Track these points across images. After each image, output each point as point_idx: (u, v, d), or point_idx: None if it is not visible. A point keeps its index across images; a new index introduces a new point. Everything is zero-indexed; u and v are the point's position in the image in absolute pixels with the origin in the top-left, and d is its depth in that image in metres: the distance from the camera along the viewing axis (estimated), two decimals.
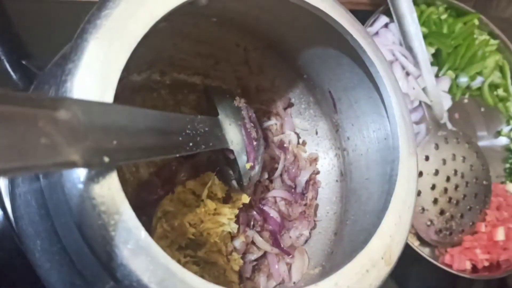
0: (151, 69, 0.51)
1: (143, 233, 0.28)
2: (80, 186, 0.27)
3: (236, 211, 0.45)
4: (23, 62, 0.49)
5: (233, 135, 0.46)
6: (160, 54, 0.50)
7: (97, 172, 0.27)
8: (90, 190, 0.27)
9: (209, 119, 0.42)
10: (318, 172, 0.55)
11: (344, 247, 0.46)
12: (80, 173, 0.27)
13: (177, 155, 0.35)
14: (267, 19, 0.46)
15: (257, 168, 0.47)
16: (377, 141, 0.46)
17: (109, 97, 0.29)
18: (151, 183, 0.48)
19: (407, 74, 0.70)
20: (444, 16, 0.79)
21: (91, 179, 0.27)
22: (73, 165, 0.23)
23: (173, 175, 0.49)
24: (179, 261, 0.41)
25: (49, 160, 0.22)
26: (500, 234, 0.71)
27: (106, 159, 0.26)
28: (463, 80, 0.79)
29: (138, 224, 0.28)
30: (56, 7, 0.60)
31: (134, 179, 0.48)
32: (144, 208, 0.45)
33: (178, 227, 0.40)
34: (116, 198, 0.28)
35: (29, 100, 0.22)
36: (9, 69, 0.55)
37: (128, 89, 0.50)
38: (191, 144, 0.37)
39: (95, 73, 0.29)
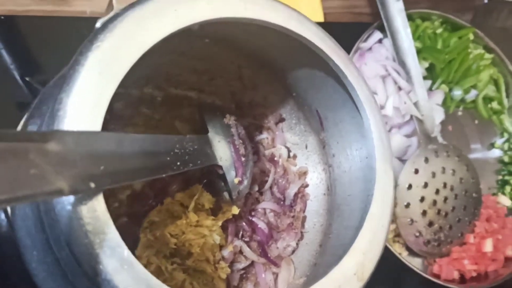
0: (148, 84, 0.54)
1: (126, 252, 0.31)
2: (69, 207, 0.30)
3: (219, 223, 0.48)
4: (27, 79, 0.52)
5: (222, 151, 0.48)
6: (157, 70, 0.53)
7: (85, 195, 0.30)
8: (78, 211, 0.30)
9: (198, 138, 0.45)
10: (307, 185, 0.58)
11: (326, 260, 0.49)
12: (69, 197, 0.30)
13: (164, 176, 0.37)
14: (256, 42, 0.48)
15: (245, 182, 0.50)
16: (359, 159, 0.48)
17: (97, 125, 0.32)
18: (144, 194, 0.50)
19: (399, 88, 0.71)
20: (439, 31, 0.80)
21: (79, 201, 0.30)
22: (60, 193, 0.26)
23: (165, 187, 0.51)
24: (166, 269, 0.44)
25: (38, 189, 0.24)
26: (488, 246, 0.73)
27: (92, 185, 0.28)
28: (457, 93, 0.81)
29: (121, 243, 0.31)
30: (61, 23, 0.63)
31: (128, 190, 0.50)
32: (137, 218, 0.48)
33: (161, 237, 0.43)
34: (101, 219, 0.30)
35: (21, 136, 0.25)
36: (21, 84, 0.58)
37: (127, 103, 0.53)
38: (178, 163, 0.40)
39: (85, 103, 0.32)
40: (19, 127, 0.48)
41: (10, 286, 0.51)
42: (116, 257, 0.30)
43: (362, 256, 0.39)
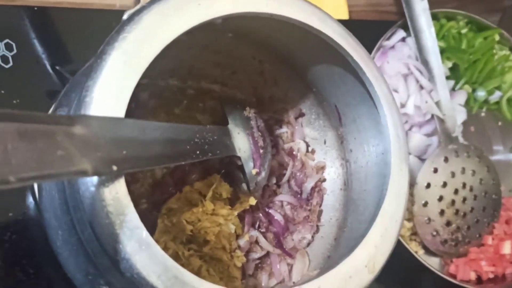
0: (173, 77, 0.56)
1: (144, 233, 0.32)
2: (92, 189, 0.32)
3: (235, 213, 0.49)
4: (57, 68, 0.54)
5: (241, 143, 0.50)
6: (181, 63, 0.54)
7: (107, 178, 0.32)
8: (101, 193, 0.31)
9: (218, 129, 0.46)
10: (324, 180, 0.59)
11: (339, 252, 0.50)
12: (93, 178, 0.31)
13: (183, 163, 0.39)
14: (277, 37, 0.49)
15: (263, 174, 0.51)
16: (375, 155, 0.48)
17: (121, 112, 0.33)
18: (164, 182, 0.52)
19: (421, 87, 0.72)
20: (464, 31, 0.80)
21: (102, 184, 0.32)
22: (84, 173, 0.28)
23: (185, 176, 0.53)
24: (183, 254, 0.46)
25: (64, 169, 0.26)
26: (506, 248, 0.72)
27: (115, 168, 0.30)
28: (481, 94, 0.80)
29: (141, 224, 0.32)
30: (91, 15, 0.65)
31: (150, 178, 0.52)
32: (157, 205, 0.50)
33: (177, 223, 0.45)
34: (122, 201, 0.32)
35: (50, 118, 0.27)
36: (52, 72, 0.61)
37: (152, 93, 0.55)
38: (198, 152, 0.41)
39: (110, 90, 0.33)
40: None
41: (37, 267, 0.54)
42: (135, 238, 0.32)
43: (374, 249, 0.40)
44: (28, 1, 0.63)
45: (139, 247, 0.32)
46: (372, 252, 0.40)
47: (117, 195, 0.32)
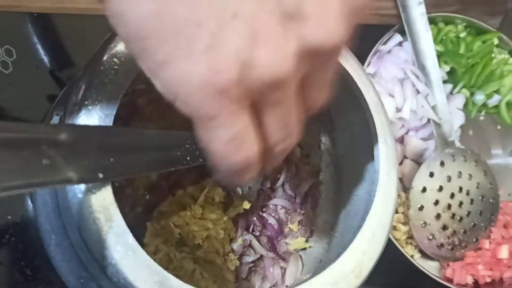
0: None
1: (130, 238, 0.33)
2: (80, 195, 0.33)
3: (224, 218, 0.50)
4: (55, 73, 0.55)
5: None
6: None
7: (95, 184, 0.33)
8: (88, 199, 0.32)
9: None
10: (318, 184, 0.59)
11: (329, 257, 0.50)
12: (80, 185, 0.32)
13: (172, 169, 0.39)
14: None
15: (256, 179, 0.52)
16: (366, 161, 0.49)
17: (109, 120, 0.34)
18: (159, 186, 0.53)
19: (418, 92, 0.72)
20: (463, 34, 0.80)
21: (89, 190, 0.32)
22: (69, 182, 0.28)
23: (180, 180, 0.54)
24: (174, 257, 0.47)
25: (49, 178, 0.27)
26: (504, 252, 0.72)
27: (101, 176, 0.31)
28: (480, 97, 0.80)
29: (127, 230, 0.33)
30: (92, 20, 0.66)
31: (145, 182, 0.53)
32: (152, 208, 0.51)
33: (166, 226, 0.46)
34: (109, 207, 0.33)
35: (35, 128, 0.28)
36: (51, 78, 0.62)
37: (149, 99, 0.55)
38: (188, 158, 0.42)
39: (99, 98, 0.34)
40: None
41: (34, 269, 0.55)
42: (121, 243, 0.33)
43: (360, 255, 0.40)
44: (28, 7, 0.65)
45: (126, 252, 0.33)
46: (359, 257, 0.40)
47: (104, 202, 0.33)
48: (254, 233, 0.56)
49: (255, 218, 0.56)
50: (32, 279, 0.55)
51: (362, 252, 0.41)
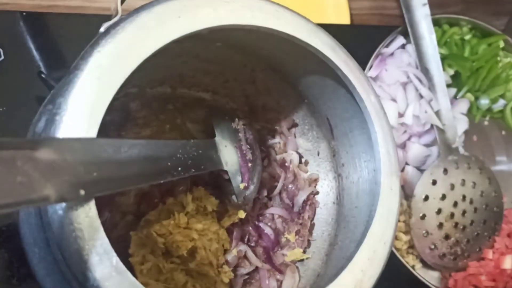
0: (163, 85, 0.54)
1: (114, 259, 0.31)
2: (60, 212, 0.30)
3: (212, 229, 0.48)
4: (43, 75, 0.53)
5: (229, 156, 0.48)
6: (171, 71, 0.53)
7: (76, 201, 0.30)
8: (69, 216, 0.30)
9: (203, 142, 0.45)
10: (317, 193, 0.57)
11: (329, 271, 0.48)
12: None
13: (162, 181, 0.37)
14: (267, 48, 0.48)
15: (252, 188, 0.50)
16: (367, 171, 0.47)
17: (93, 132, 0.32)
18: (150, 194, 0.51)
19: (421, 96, 0.69)
20: (468, 37, 0.78)
21: (70, 207, 0.30)
22: (46, 200, 0.26)
23: (172, 188, 0.51)
24: (163, 267, 0.44)
25: (23, 197, 0.25)
26: (507, 263, 0.70)
27: (82, 193, 0.29)
28: (484, 102, 0.78)
29: (111, 250, 0.31)
30: (84, 19, 0.63)
31: (136, 190, 0.51)
32: (143, 217, 0.49)
33: (149, 235, 0.43)
34: (92, 225, 0.31)
35: (10, 143, 0.25)
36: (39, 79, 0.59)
37: (143, 103, 0.53)
38: (179, 169, 0.40)
39: (82, 108, 0.32)
40: None
41: (21, 278, 0.53)
42: (104, 264, 0.30)
43: (360, 274, 0.38)
44: (17, 5, 0.62)
45: (109, 273, 0.31)
46: (359, 276, 0.38)
47: (87, 220, 0.30)
48: (249, 243, 0.54)
49: (250, 228, 0.54)
50: None
51: (362, 270, 0.39)
